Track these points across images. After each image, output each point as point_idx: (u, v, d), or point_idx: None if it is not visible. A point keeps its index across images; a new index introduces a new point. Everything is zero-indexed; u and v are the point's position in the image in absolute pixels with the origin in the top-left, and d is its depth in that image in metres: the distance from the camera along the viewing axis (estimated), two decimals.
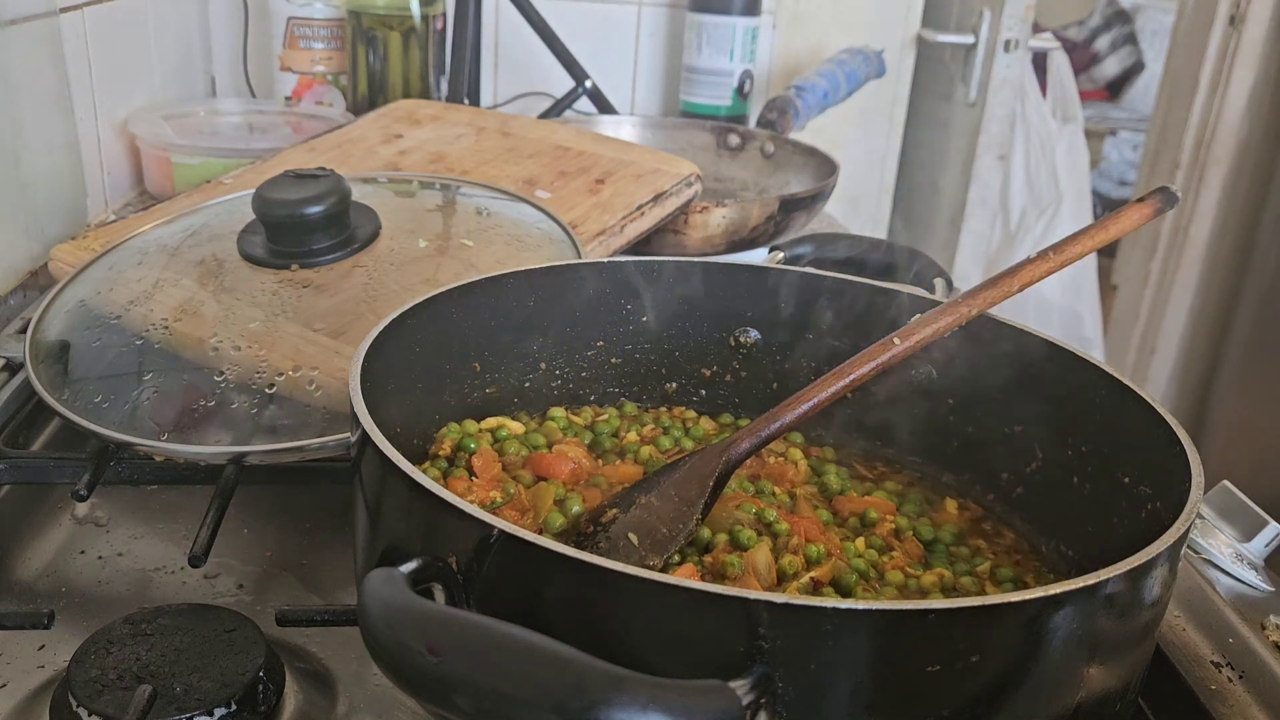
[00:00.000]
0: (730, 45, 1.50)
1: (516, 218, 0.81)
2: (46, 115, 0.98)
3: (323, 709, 0.53)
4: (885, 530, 0.57)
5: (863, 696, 0.39)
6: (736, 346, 0.68)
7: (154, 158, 1.19)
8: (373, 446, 0.45)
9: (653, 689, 0.33)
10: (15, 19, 0.91)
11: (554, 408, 0.66)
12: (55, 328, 0.72)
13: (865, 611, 0.37)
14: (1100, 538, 0.54)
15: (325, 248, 0.72)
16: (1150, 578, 0.42)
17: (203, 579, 0.63)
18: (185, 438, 0.63)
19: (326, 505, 0.70)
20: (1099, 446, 0.56)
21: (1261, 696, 0.52)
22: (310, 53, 1.43)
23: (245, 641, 0.52)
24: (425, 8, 1.37)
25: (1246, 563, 0.61)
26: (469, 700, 0.34)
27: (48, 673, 0.55)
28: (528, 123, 1.08)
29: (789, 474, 0.61)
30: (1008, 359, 0.60)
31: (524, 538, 0.39)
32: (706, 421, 0.67)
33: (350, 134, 1.07)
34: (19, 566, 0.64)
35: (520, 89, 1.60)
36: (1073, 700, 0.42)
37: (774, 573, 0.51)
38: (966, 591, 0.53)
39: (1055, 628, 0.39)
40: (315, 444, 0.61)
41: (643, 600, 0.38)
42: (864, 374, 0.54)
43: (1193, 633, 0.56)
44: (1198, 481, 0.46)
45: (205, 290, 0.71)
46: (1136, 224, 0.57)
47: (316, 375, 0.64)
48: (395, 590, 0.38)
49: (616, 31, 1.63)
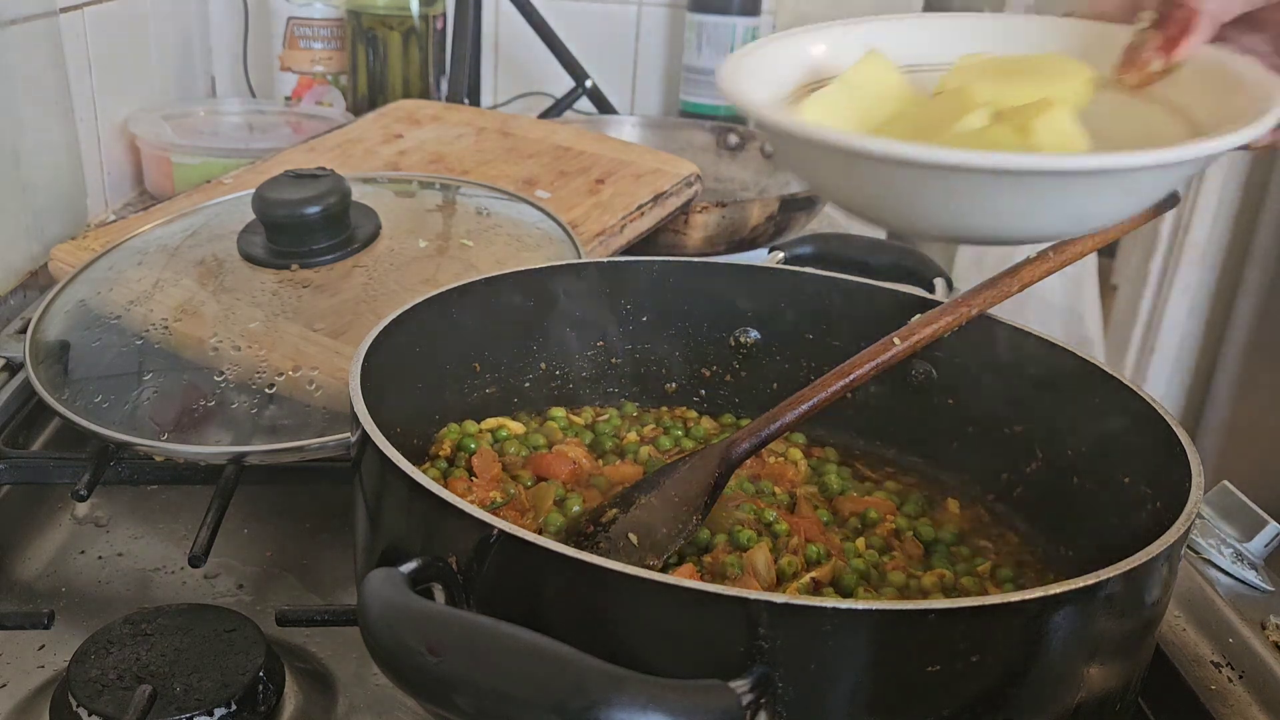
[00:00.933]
0: (730, 45, 1.50)
1: (516, 218, 0.81)
2: (46, 115, 0.98)
3: (323, 709, 0.53)
4: (885, 530, 0.57)
5: (863, 696, 0.39)
6: (736, 346, 0.68)
7: (154, 158, 1.19)
8: (373, 446, 0.45)
9: (653, 689, 0.33)
10: (15, 19, 0.91)
11: (554, 408, 0.66)
12: (55, 328, 0.72)
13: (865, 611, 0.37)
14: (1100, 538, 0.54)
15: (325, 248, 0.72)
16: (1150, 578, 0.42)
17: (203, 579, 0.63)
18: (185, 438, 0.63)
19: (326, 505, 0.70)
20: (1099, 446, 0.56)
21: (1261, 696, 0.52)
22: (310, 53, 1.42)
23: (245, 641, 0.52)
24: (425, 8, 1.37)
25: (1246, 563, 0.61)
26: (469, 700, 0.34)
27: (48, 673, 0.55)
28: (528, 123, 1.08)
29: (789, 474, 0.61)
30: (1007, 359, 0.60)
31: (524, 538, 0.39)
32: (707, 421, 0.67)
33: (350, 134, 1.07)
34: (19, 566, 0.64)
35: (520, 89, 1.60)
36: (1073, 700, 0.42)
37: (773, 573, 0.51)
38: (967, 592, 0.53)
39: (1055, 628, 0.39)
40: (315, 444, 0.61)
41: (643, 600, 0.38)
42: (864, 374, 0.55)
43: (1193, 633, 0.56)
44: (1198, 481, 0.46)
45: (205, 290, 0.71)
46: (1136, 224, 0.57)
47: (316, 375, 0.64)
48: (395, 590, 0.38)
49: (616, 31, 1.62)
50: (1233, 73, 0.47)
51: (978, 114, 0.45)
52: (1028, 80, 0.48)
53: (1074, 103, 0.47)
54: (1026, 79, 0.48)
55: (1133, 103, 0.49)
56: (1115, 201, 0.43)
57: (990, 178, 0.40)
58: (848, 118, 0.49)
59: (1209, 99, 0.46)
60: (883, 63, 0.51)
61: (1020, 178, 0.40)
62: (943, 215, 0.43)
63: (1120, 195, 0.43)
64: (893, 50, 0.52)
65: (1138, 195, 0.44)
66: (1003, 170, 0.40)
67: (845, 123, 0.48)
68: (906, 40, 0.53)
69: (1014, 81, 0.48)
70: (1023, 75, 0.49)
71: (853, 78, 0.50)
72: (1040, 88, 0.47)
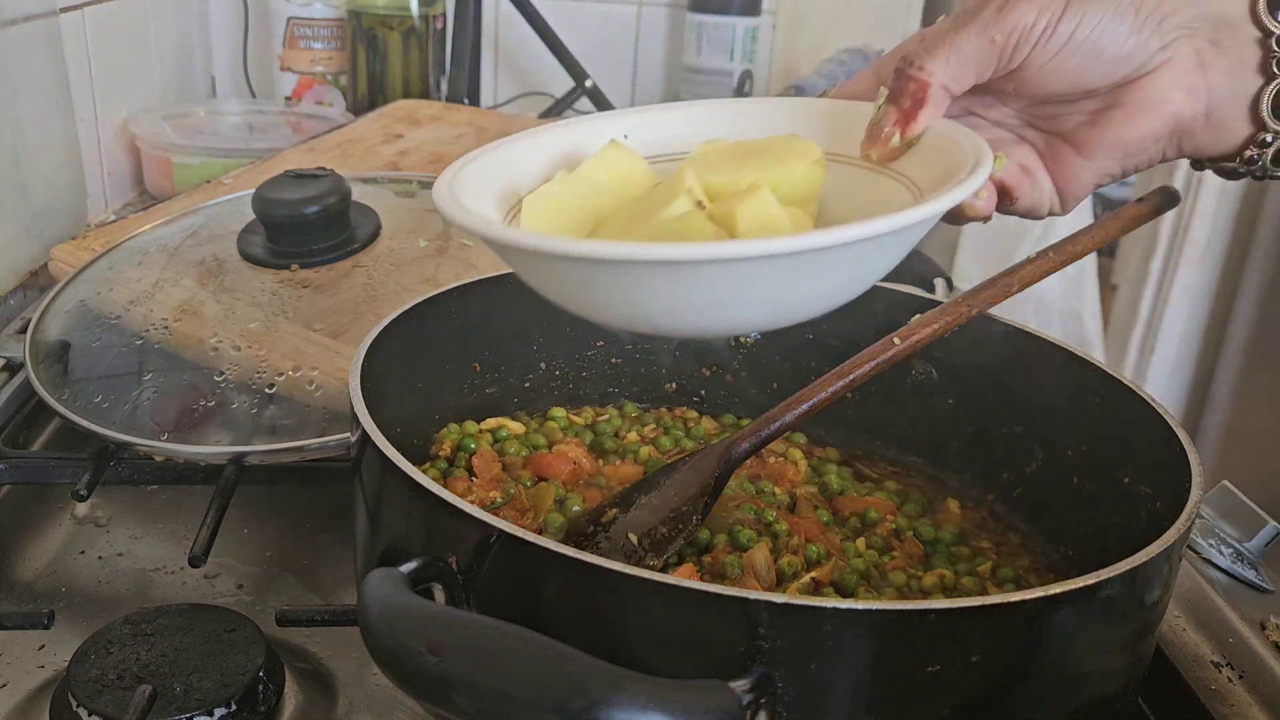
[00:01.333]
0: (730, 45, 1.50)
1: None
2: (46, 115, 0.98)
3: (323, 709, 0.53)
4: (885, 530, 0.57)
5: (863, 696, 0.39)
6: (736, 346, 0.68)
7: (154, 158, 1.19)
8: (373, 446, 0.45)
9: (653, 689, 0.33)
10: (15, 19, 0.91)
11: (554, 408, 0.66)
12: (55, 328, 0.72)
13: (865, 611, 0.37)
14: (1100, 538, 0.54)
15: (325, 248, 0.72)
16: (1150, 578, 0.42)
17: (203, 579, 0.63)
18: (185, 438, 0.63)
19: (326, 505, 0.70)
20: (1099, 446, 0.56)
21: (1261, 696, 0.52)
22: (310, 53, 1.43)
23: (245, 641, 0.52)
24: (425, 8, 1.37)
25: (1246, 563, 0.61)
26: (469, 700, 0.34)
27: (48, 673, 0.55)
28: (528, 123, 1.08)
29: (789, 474, 0.61)
30: (1007, 359, 0.60)
31: (524, 538, 0.39)
32: (708, 421, 0.67)
33: (350, 134, 1.07)
34: (19, 566, 0.64)
35: (520, 89, 1.60)
36: (1073, 700, 0.42)
37: (773, 573, 0.51)
38: (968, 592, 0.53)
39: (1055, 628, 0.39)
40: (315, 444, 0.61)
41: (643, 600, 0.38)
42: (864, 374, 0.54)
43: (1193, 633, 0.56)
44: (1198, 481, 0.46)
45: (205, 290, 0.71)
46: (1136, 224, 0.57)
47: (316, 375, 0.64)
48: (395, 590, 0.38)
49: (616, 31, 1.62)
50: (952, 140, 0.46)
51: (680, 201, 0.44)
52: (754, 163, 0.47)
53: (797, 184, 0.46)
54: (753, 162, 0.47)
55: (874, 178, 0.48)
56: (808, 288, 0.41)
57: (650, 268, 0.38)
58: (564, 212, 0.47)
59: (935, 169, 0.45)
60: (622, 153, 0.49)
61: (677, 268, 0.38)
62: (627, 308, 0.41)
63: (810, 280, 0.40)
64: (642, 138, 0.51)
65: (835, 279, 0.41)
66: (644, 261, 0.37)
67: (560, 216, 0.47)
68: (653, 128, 0.52)
69: (741, 166, 0.47)
70: (751, 158, 0.47)
71: (584, 171, 0.48)
72: (765, 170, 0.46)
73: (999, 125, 0.51)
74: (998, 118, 0.51)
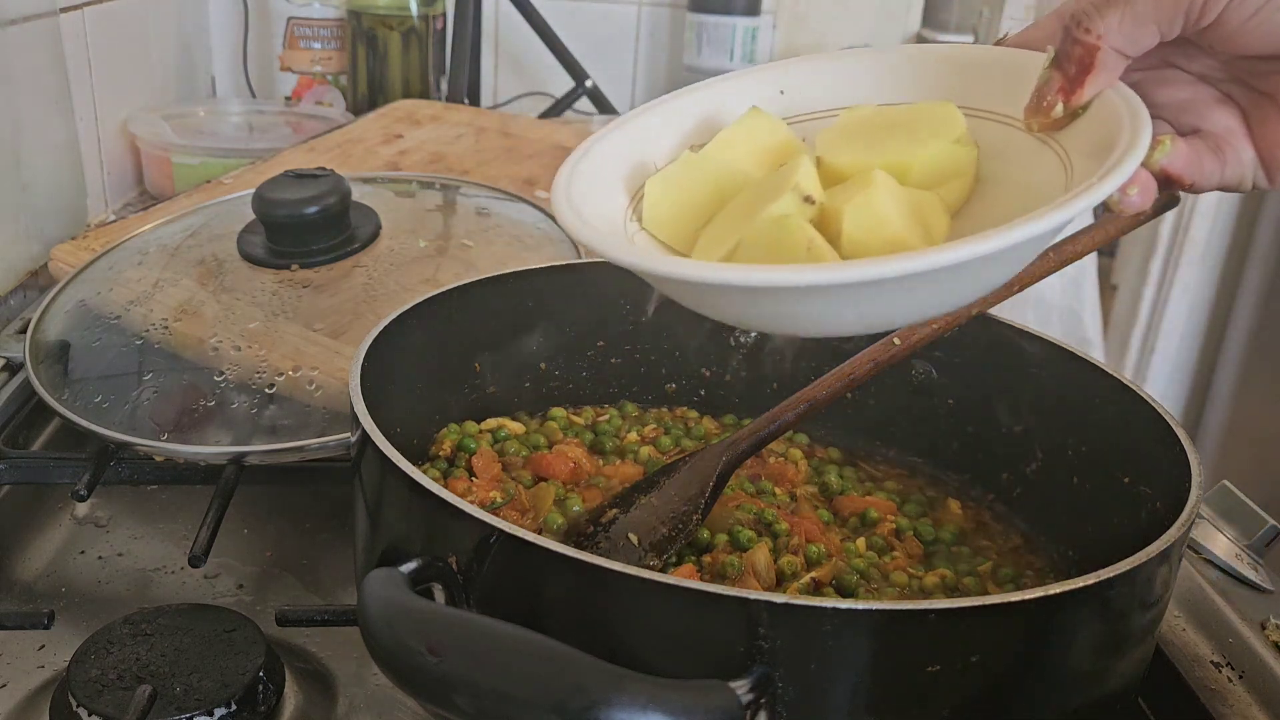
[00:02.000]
0: (730, 45, 1.50)
1: (516, 218, 0.81)
2: (46, 115, 0.98)
3: (323, 709, 0.53)
4: (886, 530, 0.57)
5: (863, 696, 0.39)
6: (736, 346, 0.68)
7: (154, 158, 1.19)
8: (373, 446, 0.45)
9: (653, 689, 0.33)
10: (15, 19, 0.91)
11: (554, 408, 0.66)
12: (55, 328, 0.72)
13: (865, 611, 0.37)
14: (1100, 538, 0.54)
15: (325, 248, 0.72)
16: (1150, 578, 0.42)
17: (203, 579, 0.63)
18: (185, 438, 0.63)
19: (326, 505, 0.70)
20: (1099, 446, 0.56)
21: (1261, 696, 0.52)
22: (310, 53, 1.42)
23: (245, 641, 0.52)
24: (425, 8, 1.36)
25: (1246, 563, 0.60)
26: (469, 700, 0.34)
27: (48, 673, 0.55)
28: (528, 123, 1.08)
29: (789, 474, 0.61)
30: (1008, 359, 0.60)
31: (524, 538, 0.39)
32: (708, 421, 0.67)
33: (350, 134, 1.07)
34: (19, 566, 0.64)
35: (520, 89, 1.60)
36: (1073, 700, 0.42)
37: (773, 573, 0.51)
38: (969, 592, 0.53)
39: (1055, 628, 0.39)
40: (315, 444, 0.61)
41: (643, 600, 0.38)
42: (864, 374, 0.54)
43: (1193, 633, 0.56)
44: (1198, 481, 0.46)
45: (205, 290, 0.71)
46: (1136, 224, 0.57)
47: (316, 375, 0.64)
48: (395, 590, 0.38)
49: (616, 31, 1.62)
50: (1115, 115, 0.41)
51: (784, 201, 0.42)
52: (889, 141, 0.44)
53: (932, 164, 0.44)
54: (888, 138, 0.44)
55: (1037, 146, 0.44)
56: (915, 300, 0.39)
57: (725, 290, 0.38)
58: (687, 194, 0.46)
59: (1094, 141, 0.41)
60: (762, 120, 0.47)
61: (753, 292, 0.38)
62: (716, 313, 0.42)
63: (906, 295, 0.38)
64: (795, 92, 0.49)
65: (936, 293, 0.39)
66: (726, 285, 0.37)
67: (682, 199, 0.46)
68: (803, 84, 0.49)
69: (873, 143, 0.45)
70: (888, 133, 0.45)
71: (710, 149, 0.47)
72: (899, 150, 0.44)
73: (1202, 80, 0.44)
74: (1200, 70, 0.45)
